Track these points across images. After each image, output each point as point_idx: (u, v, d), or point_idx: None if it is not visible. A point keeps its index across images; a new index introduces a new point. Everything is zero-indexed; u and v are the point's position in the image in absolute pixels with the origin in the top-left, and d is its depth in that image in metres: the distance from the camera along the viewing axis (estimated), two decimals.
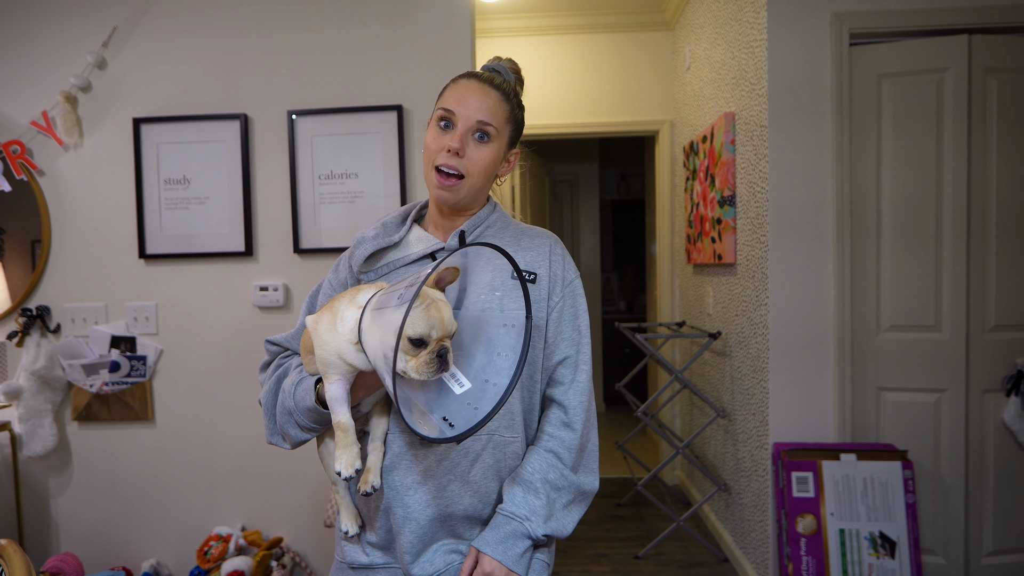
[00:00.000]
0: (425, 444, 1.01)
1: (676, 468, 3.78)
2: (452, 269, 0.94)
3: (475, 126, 1.04)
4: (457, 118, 1.04)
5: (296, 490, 2.30)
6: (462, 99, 1.05)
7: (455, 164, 1.04)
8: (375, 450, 1.03)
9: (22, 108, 2.25)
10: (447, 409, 0.92)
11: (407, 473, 1.02)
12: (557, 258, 1.10)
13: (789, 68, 2.21)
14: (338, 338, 0.93)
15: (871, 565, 2.07)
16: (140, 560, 2.31)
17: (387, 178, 2.22)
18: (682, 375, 2.86)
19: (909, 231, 2.21)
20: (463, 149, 1.04)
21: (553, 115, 3.73)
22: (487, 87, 1.06)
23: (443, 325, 0.90)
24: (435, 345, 0.89)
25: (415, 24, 2.23)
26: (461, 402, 0.93)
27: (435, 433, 0.90)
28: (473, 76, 1.08)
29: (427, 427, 0.90)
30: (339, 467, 0.93)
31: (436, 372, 0.88)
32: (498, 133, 1.06)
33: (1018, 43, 2.17)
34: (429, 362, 0.88)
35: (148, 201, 2.26)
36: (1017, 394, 2.18)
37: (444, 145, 1.04)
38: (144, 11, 2.25)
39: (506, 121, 1.08)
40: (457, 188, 1.05)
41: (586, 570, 2.68)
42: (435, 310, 0.89)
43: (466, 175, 1.05)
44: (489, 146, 1.06)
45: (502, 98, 1.07)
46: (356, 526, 1.07)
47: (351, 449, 0.94)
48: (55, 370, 2.23)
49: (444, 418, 0.92)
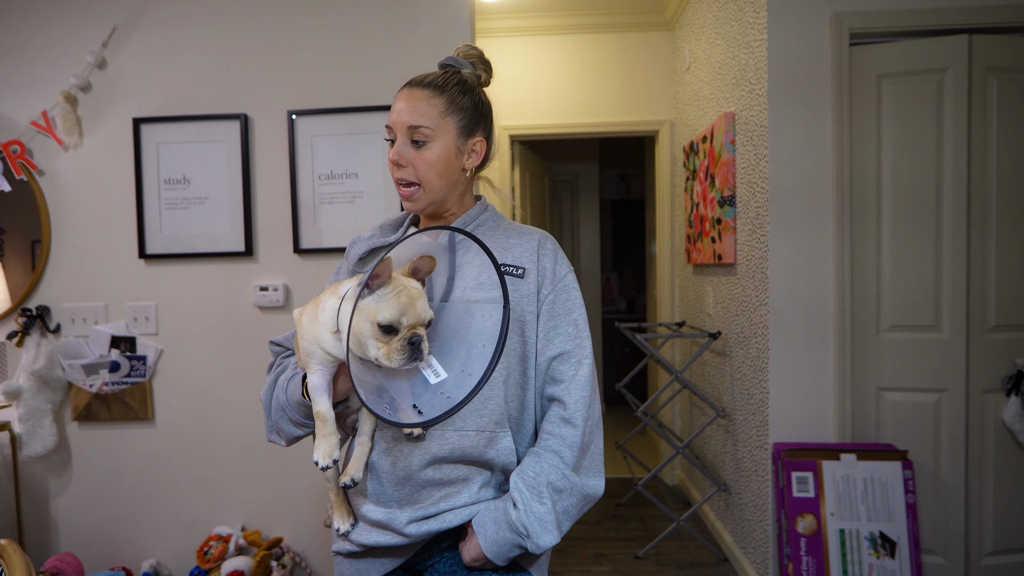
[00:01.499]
0: (385, 426, 1.02)
1: (676, 468, 3.78)
2: (428, 259, 0.95)
3: (408, 132, 1.05)
4: (394, 130, 1.06)
5: (296, 490, 2.30)
6: (393, 110, 1.07)
7: (402, 175, 1.06)
8: (361, 444, 1.03)
9: (22, 108, 2.25)
10: (420, 398, 0.92)
11: (393, 468, 1.02)
12: (547, 253, 1.10)
13: (789, 68, 2.21)
14: (318, 327, 0.95)
15: (871, 565, 2.07)
16: (140, 560, 2.31)
17: (387, 178, 2.22)
18: (682, 375, 2.86)
19: (909, 231, 2.21)
20: (402, 158, 1.05)
21: (553, 115, 3.73)
22: (414, 90, 1.07)
23: (414, 312, 0.89)
24: (406, 332, 0.89)
25: (415, 24, 2.23)
26: (435, 391, 0.92)
27: (403, 419, 0.90)
28: (406, 84, 1.09)
29: (395, 413, 0.91)
30: (316, 456, 0.94)
31: (407, 361, 0.88)
32: (435, 131, 1.05)
33: (1018, 43, 2.17)
34: (400, 349, 0.88)
35: (148, 201, 2.26)
36: (1017, 394, 2.18)
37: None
38: (144, 11, 2.25)
39: (443, 114, 1.05)
40: (417, 196, 1.07)
41: (586, 570, 2.68)
42: (406, 297, 0.90)
43: (419, 181, 1.06)
44: (429, 147, 1.05)
45: (432, 94, 1.05)
46: (348, 524, 1.08)
47: (329, 439, 0.94)
48: (55, 370, 2.23)
49: (415, 406, 0.91)
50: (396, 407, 0.92)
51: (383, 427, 1.05)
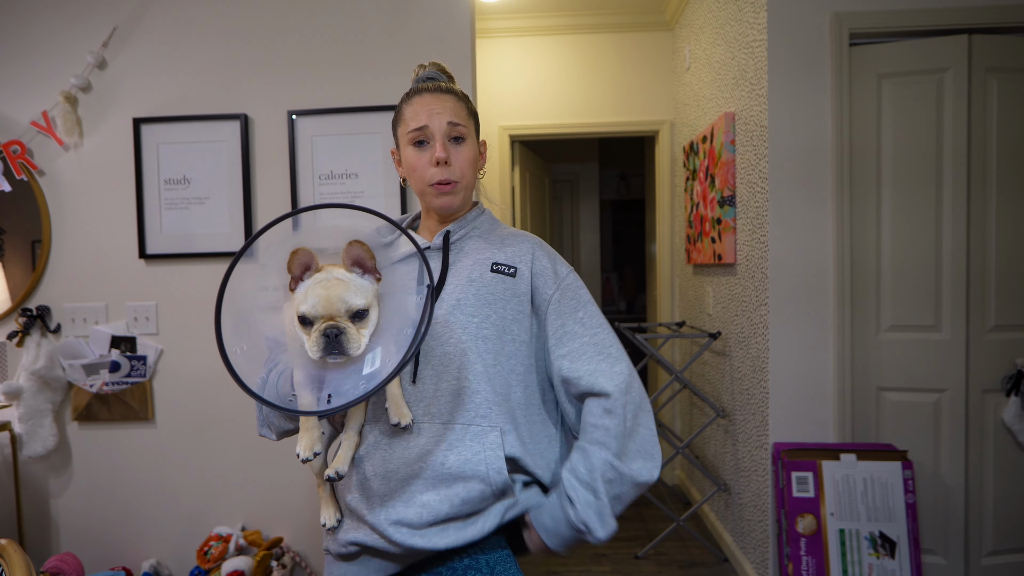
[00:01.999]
0: (374, 422, 1.04)
1: (676, 468, 3.78)
2: (358, 244, 0.93)
3: (448, 130, 1.08)
4: (431, 131, 1.08)
5: (296, 490, 2.30)
6: (428, 111, 1.08)
7: (447, 175, 1.09)
8: (348, 439, 1.04)
9: (22, 108, 2.25)
10: (340, 387, 0.91)
11: (380, 462, 1.02)
12: (542, 255, 1.12)
13: (789, 68, 2.21)
14: (291, 323, 0.95)
15: (871, 565, 2.07)
16: (140, 560, 2.31)
17: (387, 178, 2.22)
18: (682, 375, 2.86)
19: (909, 231, 2.21)
20: (450, 158, 1.09)
21: (553, 115, 3.73)
22: (442, 95, 1.11)
23: (326, 303, 0.89)
24: (321, 324, 0.88)
25: (415, 24, 2.23)
26: (356, 381, 0.91)
27: (305, 407, 0.91)
28: (424, 89, 1.11)
29: (301, 400, 0.92)
30: (298, 449, 0.95)
31: (324, 352, 0.89)
32: (468, 131, 1.11)
33: (1018, 43, 2.17)
34: (316, 341, 0.88)
35: (148, 201, 2.26)
36: (1017, 394, 2.18)
37: (430, 160, 1.08)
38: (144, 11, 2.25)
39: (468, 117, 1.13)
40: (455, 191, 1.10)
41: (586, 570, 2.68)
42: (321, 288, 0.90)
43: (459, 179, 1.10)
44: (467, 144, 1.11)
45: (455, 97, 1.12)
46: (334, 519, 1.09)
47: (311, 432, 0.95)
48: (55, 370, 2.23)
49: (329, 396, 0.91)
50: (310, 394, 0.93)
51: (372, 422, 1.05)
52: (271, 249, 0.95)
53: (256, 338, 0.95)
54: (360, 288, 0.92)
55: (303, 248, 0.91)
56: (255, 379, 0.93)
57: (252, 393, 0.89)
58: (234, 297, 0.89)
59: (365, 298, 0.92)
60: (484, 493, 1.02)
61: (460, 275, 1.07)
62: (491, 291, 1.06)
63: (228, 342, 0.89)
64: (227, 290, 0.89)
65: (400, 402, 1.00)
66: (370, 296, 0.93)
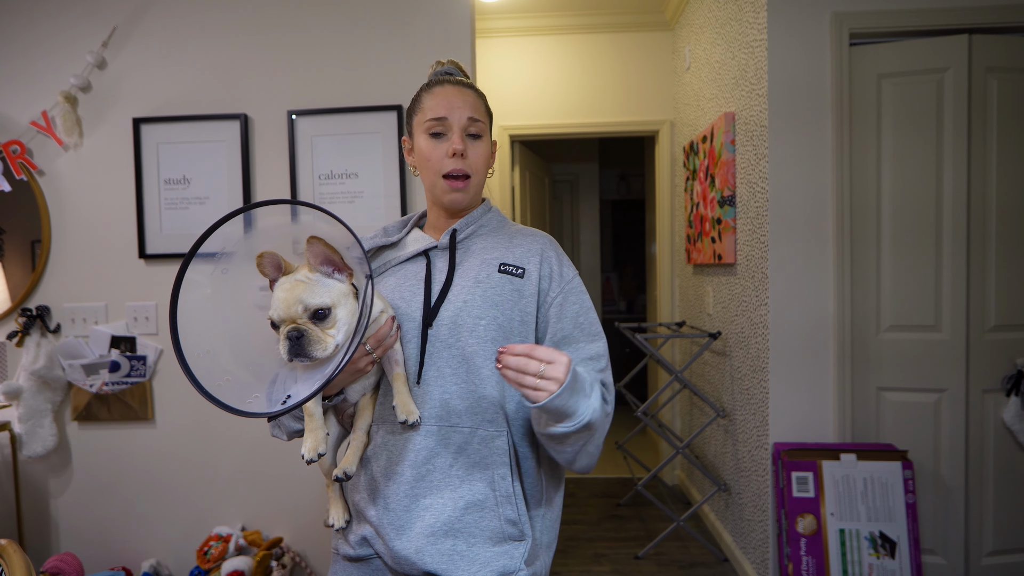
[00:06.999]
0: (382, 422, 1.04)
1: (676, 468, 3.78)
2: (315, 240, 0.88)
3: (467, 124, 1.08)
4: (450, 123, 1.08)
5: (296, 490, 2.30)
6: (449, 104, 1.08)
7: (462, 167, 1.08)
8: (357, 439, 1.04)
9: (22, 108, 2.25)
10: (298, 388, 0.90)
11: (388, 463, 1.02)
12: (551, 255, 1.11)
13: (789, 68, 2.21)
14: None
15: (871, 565, 2.07)
16: (140, 560, 2.31)
17: (387, 178, 2.22)
18: (682, 375, 2.86)
19: (909, 231, 2.21)
20: (466, 151, 1.08)
21: (553, 115, 3.73)
22: (463, 88, 1.11)
23: (285, 306, 0.87)
24: (285, 328, 0.88)
25: (415, 24, 2.23)
26: (312, 381, 0.88)
27: (256, 408, 0.89)
28: (446, 81, 1.11)
29: (256, 402, 0.90)
30: (303, 450, 0.94)
31: (287, 355, 0.88)
32: (484, 128, 1.11)
33: (1018, 43, 2.17)
34: (282, 344, 0.88)
35: (148, 201, 2.26)
36: (1017, 394, 2.18)
37: (445, 151, 1.07)
38: (144, 11, 2.25)
39: (486, 114, 1.13)
40: (467, 187, 1.10)
41: (586, 570, 2.68)
42: (282, 290, 0.89)
43: (472, 173, 1.09)
44: (483, 141, 1.11)
45: (477, 95, 1.12)
46: (343, 520, 1.08)
47: (316, 433, 0.95)
48: (55, 370, 2.23)
49: (288, 396, 0.90)
50: (272, 395, 0.93)
51: (379, 422, 1.04)
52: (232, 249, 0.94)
53: (225, 341, 0.95)
54: (323, 288, 0.89)
55: (268, 251, 0.89)
56: (217, 382, 0.91)
57: (206, 393, 0.88)
58: (189, 300, 0.89)
59: (327, 297, 0.88)
60: (488, 497, 1.01)
61: (467, 276, 1.06)
62: (498, 292, 1.05)
63: (193, 344, 0.88)
64: (180, 293, 0.89)
65: (407, 399, 1.00)
66: (335, 295, 0.89)
